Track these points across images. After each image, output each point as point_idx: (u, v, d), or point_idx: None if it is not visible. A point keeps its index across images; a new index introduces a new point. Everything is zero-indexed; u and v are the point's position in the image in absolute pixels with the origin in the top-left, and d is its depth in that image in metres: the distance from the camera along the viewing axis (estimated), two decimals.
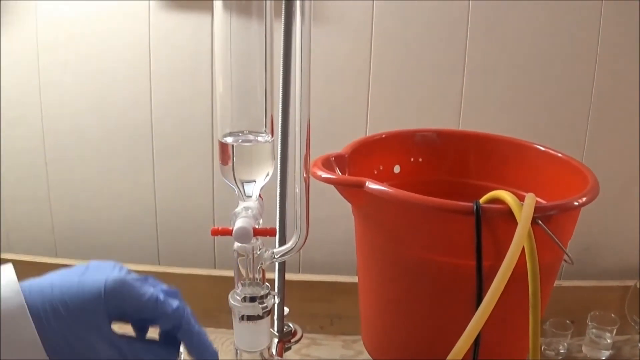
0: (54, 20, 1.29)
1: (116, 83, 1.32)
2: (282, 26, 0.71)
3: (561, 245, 0.75)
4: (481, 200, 0.75)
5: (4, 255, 1.33)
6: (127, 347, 0.61)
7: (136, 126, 1.35)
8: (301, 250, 1.31)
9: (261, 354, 0.65)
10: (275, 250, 0.62)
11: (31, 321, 0.56)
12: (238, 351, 0.66)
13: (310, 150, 0.65)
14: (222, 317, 1.16)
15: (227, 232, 0.57)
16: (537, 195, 0.75)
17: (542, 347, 1.31)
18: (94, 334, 0.59)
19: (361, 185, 0.77)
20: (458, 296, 0.76)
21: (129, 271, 0.64)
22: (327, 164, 0.83)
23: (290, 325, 0.87)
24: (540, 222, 0.73)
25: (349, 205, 0.87)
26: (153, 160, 1.36)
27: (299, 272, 1.38)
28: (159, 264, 1.40)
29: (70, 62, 1.31)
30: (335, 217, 1.27)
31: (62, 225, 1.42)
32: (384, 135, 1.01)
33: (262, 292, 0.62)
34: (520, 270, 0.74)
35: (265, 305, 0.62)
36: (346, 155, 0.88)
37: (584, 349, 1.31)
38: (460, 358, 0.67)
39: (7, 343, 0.55)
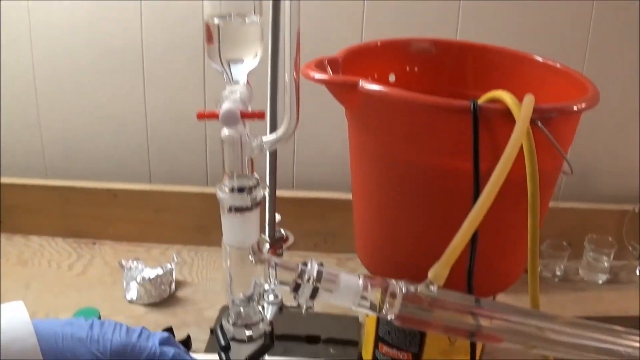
0: None
1: (106, 5, 1.29)
2: None
3: (560, 149, 0.74)
4: (479, 101, 0.73)
5: None
6: None
7: (126, 49, 1.32)
8: (294, 169, 1.31)
9: (251, 250, 0.63)
10: (264, 139, 0.60)
11: None
12: (227, 249, 0.64)
13: (302, 52, 0.63)
14: (214, 235, 1.15)
15: (214, 116, 0.55)
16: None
17: (539, 269, 1.30)
18: None
19: (355, 85, 0.74)
20: (455, 201, 0.74)
21: (128, 328, 0.68)
22: (320, 65, 0.80)
23: (282, 231, 0.86)
24: (539, 123, 0.71)
25: (344, 125, 0.86)
26: (144, 81, 1.34)
27: (292, 189, 1.37)
28: (150, 182, 1.39)
29: None
30: (329, 136, 1.26)
31: (52, 147, 1.40)
32: (379, 43, 0.98)
33: (251, 183, 0.60)
34: (519, 174, 0.72)
35: (254, 196, 0.60)
36: (340, 60, 0.86)
37: (580, 271, 1.31)
38: (455, 257, 0.65)
39: None
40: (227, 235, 0.63)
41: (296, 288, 0.64)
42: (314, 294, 0.64)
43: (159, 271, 1.15)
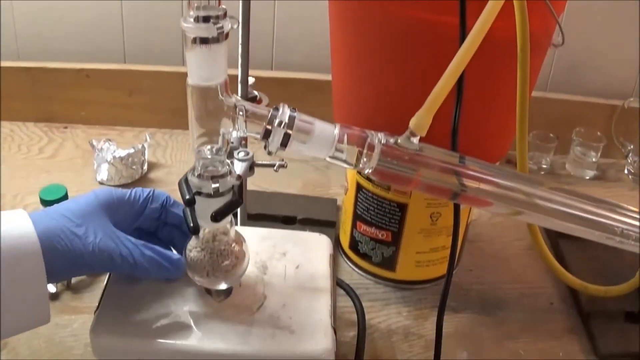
0: None
1: None
2: None
3: (552, 8, 0.68)
4: None
5: None
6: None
7: None
8: (274, 49, 1.24)
9: (219, 91, 0.58)
10: None
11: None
12: (191, 92, 0.59)
13: None
14: None
15: None
16: None
17: None
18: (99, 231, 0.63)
19: None
20: (440, 56, 0.69)
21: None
22: None
23: (255, 92, 0.80)
24: None
25: (324, 5, 0.79)
26: None
27: (272, 70, 1.31)
28: (125, 62, 1.32)
29: None
30: (309, 16, 1.19)
31: (24, 28, 1.32)
32: None
33: (218, 12, 0.54)
34: (508, 34, 0.67)
35: (220, 26, 0.55)
36: None
37: (567, 166, 1.27)
38: (438, 104, 0.60)
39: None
40: (191, 73, 0.57)
41: (266, 135, 0.59)
42: (285, 140, 0.58)
43: (131, 150, 1.10)
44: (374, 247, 0.91)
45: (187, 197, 0.61)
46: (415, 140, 0.61)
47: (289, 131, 0.59)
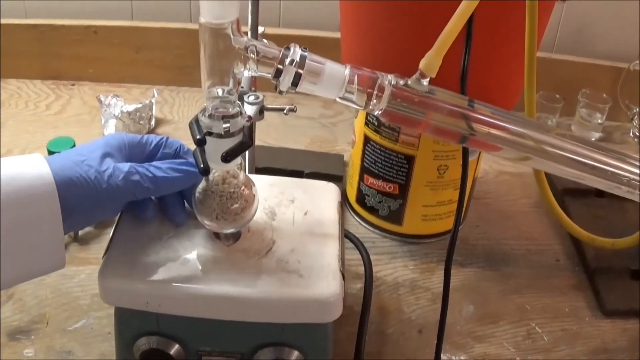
0: None
1: None
2: None
3: None
4: None
5: None
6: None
7: None
8: (281, 5, 1.23)
9: (230, 30, 0.57)
10: None
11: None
12: (203, 28, 0.58)
13: None
14: (197, 75, 1.09)
15: None
16: None
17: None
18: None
19: None
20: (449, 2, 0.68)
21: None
22: None
23: (265, 41, 0.79)
24: None
25: None
26: None
27: (279, 27, 1.30)
28: (132, 19, 1.31)
29: None
30: None
31: None
32: None
33: None
34: None
35: None
36: None
37: (573, 127, 1.27)
38: (448, 45, 0.60)
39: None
40: (204, 11, 0.56)
41: (277, 74, 0.58)
42: (296, 80, 0.58)
43: (138, 105, 1.10)
44: (380, 200, 0.91)
45: (198, 136, 0.61)
46: (425, 82, 0.60)
47: (300, 70, 0.58)
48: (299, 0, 1.28)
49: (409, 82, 0.60)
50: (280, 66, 0.58)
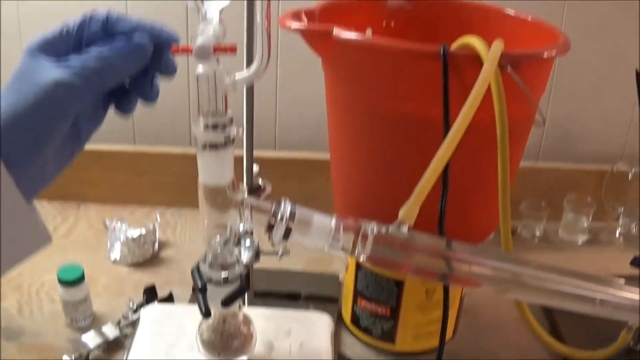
0: None
1: None
2: None
3: (530, 94, 0.75)
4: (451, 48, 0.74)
5: None
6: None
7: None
8: (277, 130, 1.32)
9: (227, 189, 0.65)
10: (237, 75, 0.62)
11: None
12: (203, 189, 0.66)
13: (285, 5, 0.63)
14: (197, 196, 1.18)
15: (187, 50, 0.57)
16: None
17: (518, 229, 1.33)
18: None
19: (329, 34, 0.76)
20: (427, 147, 0.76)
21: None
22: (297, 16, 0.82)
23: (260, 180, 0.87)
24: (509, 68, 0.72)
25: (324, 87, 0.87)
26: None
27: (275, 149, 1.39)
28: (135, 144, 1.40)
29: None
30: (310, 97, 1.27)
31: None
32: None
33: (225, 120, 0.62)
34: (490, 120, 0.74)
35: (227, 133, 0.62)
36: (316, 12, 0.87)
37: (560, 232, 1.33)
38: (424, 195, 0.67)
39: None
40: (202, 173, 0.64)
41: (270, 228, 0.65)
42: (287, 233, 0.65)
43: (142, 231, 1.17)
44: (374, 321, 0.97)
45: (200, 285, 0.68)
46: (405, 228, 0.67)
47: (290, 225, 0.65)
48: (293, 123, 1.38)
49: (390, 229, 0.68)
50: (272, 220, 0.65)
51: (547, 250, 1.29)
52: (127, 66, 0.57)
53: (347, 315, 1.02)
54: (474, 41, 0.73)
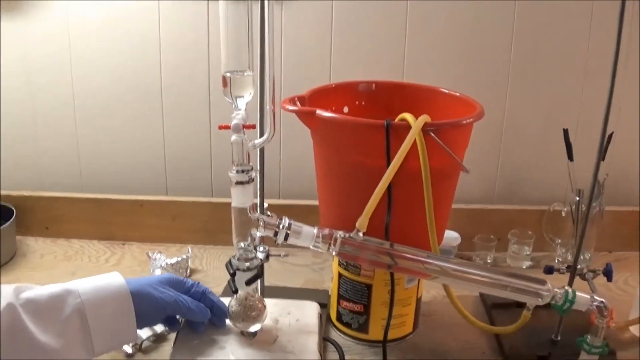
0: (80, 18, 1.75)
1: (130, 58, 1.77)
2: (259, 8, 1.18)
3: (449, 150, 1.20)
4: (394, 120, 1.20)
5: (43, 194, 1.80)
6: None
7: (149, 91, 1.78)
8: (280, 181, 1.80)
9: (248, 210, 1.13)
10: (255, 141, 1.10)
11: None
12: (234, 211, 1.14)
13: (286, 89, 1.11)
14: (219, 236, 1.69)
15: (228, 127, 1.05)
16: None
17: (472, 257, 1.72)
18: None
19: (313, 113, 1.22)
20: (375, 185, 1.14)
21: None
22: (292, 101, 1.27)
23: (269, 213, 1.34)
24: (431, 133, 1.18)
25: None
26: (162, 116, 1.80)
27: (279, 198, 1.85)
28: (167, 194, 1.86)
29: (94, 40, 1.76)
30: (307, 156, 1.60)
31: (89, 167, 1.87)
32: (334, 85, 1.48)
33: (248, 167, 1.09)
34: (419, 169, 1.20)
35: (250, 175, 1.09)
36: (306, 97, 1.32)
37: (507, 260, 1.75)
38: (372, 210, 1.13)
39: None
40: (233, 200, 1.12)
41: (275, 234, 1.13)
42: (286, 237, 1.13)
43: (178, 259, 1.63)
44: (352, 317, 1.37)
45: (231, 271, 1.15)
46: (361, 234, 1.15)
47: (288, 232, 1.13)
48: (294, 176, 1.81)
49: (351, 235, 1.15)
50: (277, 229, 1.13)
51: None
52: (195, 317, 1.21)
53: (333, 315, 1.42)
54: (407, 116, 1.18)
